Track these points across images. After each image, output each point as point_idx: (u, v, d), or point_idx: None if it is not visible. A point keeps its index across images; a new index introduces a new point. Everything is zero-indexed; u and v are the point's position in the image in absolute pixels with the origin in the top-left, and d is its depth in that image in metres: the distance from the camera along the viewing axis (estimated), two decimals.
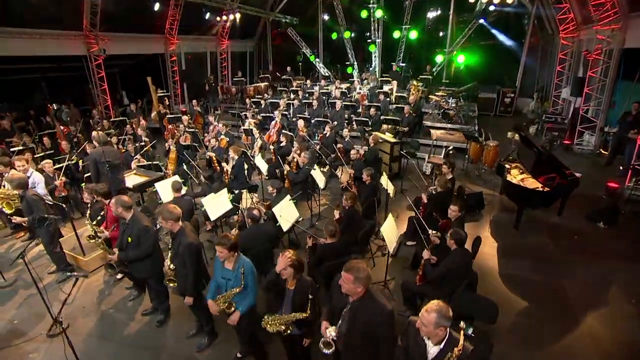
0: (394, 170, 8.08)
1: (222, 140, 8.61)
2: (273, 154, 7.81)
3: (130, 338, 3.96)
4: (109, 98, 12.25)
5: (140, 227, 3.56)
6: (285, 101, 11.46)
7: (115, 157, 5.39)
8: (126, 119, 10.08)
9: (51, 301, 4.40)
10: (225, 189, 5.22)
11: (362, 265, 2.54)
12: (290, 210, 4.82)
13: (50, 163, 6.13)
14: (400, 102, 11.56)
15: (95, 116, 10.27)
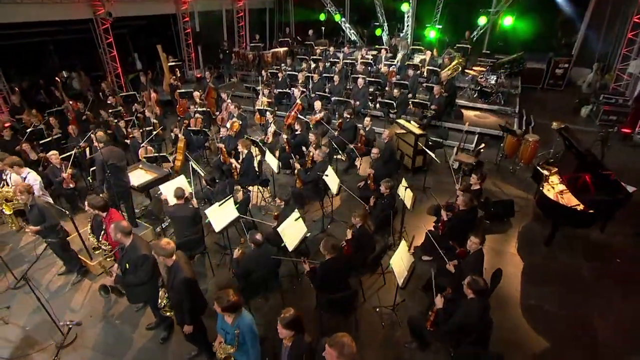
0: (418, 164, 7.71)
1: (234, 124, 8.41)
2: (287, 144, 7.59)
3: (134, 354, 4.17)
4: (119, 66, 12.13)
5: (138, 255, 3.59)
6: (305, 74, 10.94)
7: (120, 158, 5.37)
8: (136, 94, 9.98)
9: (62, 308, 4.69)
10: (232, 199, 5.14)
11: (347, 340, 2.47)
12: (297, 228, 4.73)
13: (56, 154, 6.20)
14: (432, 78, 10.79)
15: (105, 90, 10.21)
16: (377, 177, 6.16)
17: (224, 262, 5.50)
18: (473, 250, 4.13)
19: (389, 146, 6.98)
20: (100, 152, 5.09)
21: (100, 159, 5.05)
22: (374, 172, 6.19)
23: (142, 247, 3.65)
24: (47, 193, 5.39)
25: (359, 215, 4.59)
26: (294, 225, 4.68)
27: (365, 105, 10.11)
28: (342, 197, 6.98)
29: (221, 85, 13.26)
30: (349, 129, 8.21)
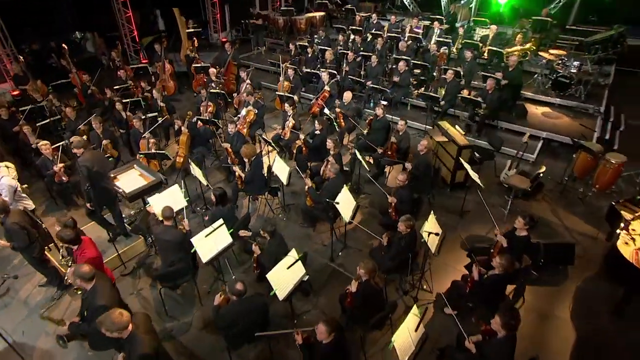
0: (458, 179, 6.99)
1: (249, 112, 8.04)
2: (304, 145, 7.12)
3: None
4: (135, 28, 11.97)
5: (95, 306, 3.44)
6: (337, 50, 10.18)
7: (104, 165, 5.23)
8: (148, 67, 9.80)
9: (38, 329, 4.77)
10: (221, 220, 4.86)
11: None
12: (293, 271, 4.38)
13: (47, 144, 6.19)
14: (495, 62, 9.62)
15: (116, 59, 10.12)
16: (404, 199, 5.59)
17: (216, 288, 5.33)
18: (500, 335, 3.59)
19: (424, 160, 6.31)
20: (85, 159, 4.92)
21: (84, 167, 4.88)
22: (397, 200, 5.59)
23: (103, 295, 3.49)
24: (23, 197, 5.36)
25: (365, 268, 4.14)
26: (286, 269, 4.33)
27: (406, 93, 9.26)
28: (359, 215, 6.52)
29: (247, 54, 12.81)
30: (380, 129, 7.54)
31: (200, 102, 8.30)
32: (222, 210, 5.27)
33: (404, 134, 6.97)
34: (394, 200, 5.54)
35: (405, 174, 5.54)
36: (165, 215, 4.76)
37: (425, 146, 6.24)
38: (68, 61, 9.35)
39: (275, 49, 13.01)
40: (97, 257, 3.97)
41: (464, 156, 6.60)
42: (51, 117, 7.41)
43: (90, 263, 3.90)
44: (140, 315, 3.34)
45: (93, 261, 3.90)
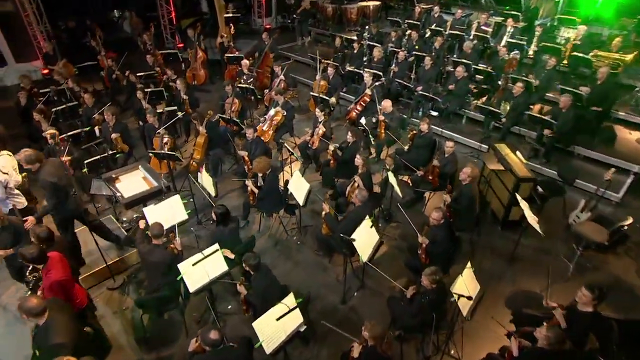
0: (513, 217, 6.15)
1: (277, 114, 7.67)
2: (332, 157, 6.62)
3: None
4: (175, 9, 12.03)
5: (49, 345, 3.19)
6: (387, 47, 9.52)
7: (68, 182, 5.01)
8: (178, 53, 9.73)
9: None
10: (216, 245, 4.51)
11: None
12: (286, 322, 3.92)
13: (54, 133, 6.18)
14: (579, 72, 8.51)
15: (147, 43, 10.16)
16: (438, 241, 4.93)
17: (207, 318, 5.02)
18: None
19: (468, 193, 5.57)
20: (48, 174, 4.67)
21: (50, 183, 4.64)
22: (432, 238, 4.93)
23: (58, 332, 3.23)
24: (14, 195, 5.30)
25: (370, 331, 3.58)
26: (276, 319, 3.88)
27: (462, 104, 8.45)
28: (385, 247, 5.94)
29: (289, 44, 12.46)
30: (423, 147, 6.85)
31: (225, 97, 8.03)
32: (222, 231, 4.93)
33: (451, 157, 6.24)
34: (425, 242, 4.89)
35: (441, 212, 4.86)
36: (154, 233, 4.49)
37: (469, 175, 5.50)
38: (98, 42, 9.49)
39: (321, 41, 12.54)
40: (64, 279, 3.73)
41: (523, 191, 5.79)
42: (68, 102, 7.46)
43: (55, 287, 3.70)
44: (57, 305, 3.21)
45: (58, 285, 3.68)
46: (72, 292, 3.85)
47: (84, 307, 4.06)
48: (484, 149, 7.79)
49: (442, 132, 8.14)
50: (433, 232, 4.97)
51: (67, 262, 3.95)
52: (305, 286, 5.38)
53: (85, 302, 4.09)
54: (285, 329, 3.92)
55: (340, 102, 9.39)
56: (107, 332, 4.70)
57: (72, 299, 3.86)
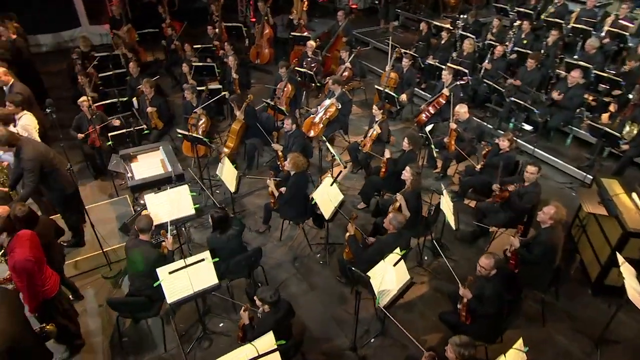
0: (611, 281, 4.94)
1: (331, 106, 7.11)
2: (384, 165, 5.89)
3: None
4: None
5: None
6: (485, 40, 8.41)
7: (56, 159, 4.87)
8: (242, 27, 9.59)
9: None
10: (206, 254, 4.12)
11: None
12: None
13: (86, 100, 6.27)
14: None
15: (214, 13, 10.13)
16: (485, 295, 4.01)
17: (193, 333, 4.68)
18: None
19: (546, 240, 4.52)
20: (30, 155, 4.57)
21: (31, 163, 4.55)
22: (479, 293, 4.02)
23: None
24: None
25: None
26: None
27: (569, 119, 7.12)
28: (423, 288, 5.13)
29: (371, 28, 11.77)
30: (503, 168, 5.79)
31: (278, 80, 7.66)
32: (218, 238, 4.53)
33: (532, 186, 5.16)
34: (467, 295, 4.01)
35: (493, 260, 3.93)
36: (140, 227, 4.24)
37: (551, 216, 4.43)
38: (165, 9, 9.71)
39: (409, 27, 11.66)
40: (29, 260, 3.57)
41: (631, 250, 4.60)
42: (115, 69, 7.64)
43: (18, 267, 3.57)
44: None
45: (22, 265, 3.54)
46: (37, 277, 3.68)
47: (51, 296, 3.91)
48: (589, 180, 6.47)
49: (533, 151, 6.94)
50: (480, 284, 4.06)
51: (37, 241, 3.81)
52: (313, 317, 4.83)
53: (54, 291, 3.92)
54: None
55: (415, 101, 8.56)
56: (85, 327, 4.61)
57: (36, 284, 3.70)
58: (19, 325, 3.33)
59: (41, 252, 3.87)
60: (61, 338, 4.19)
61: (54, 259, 4.37)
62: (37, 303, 3.78)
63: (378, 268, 4.07)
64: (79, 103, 6.34)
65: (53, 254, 4.35)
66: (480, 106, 8.15)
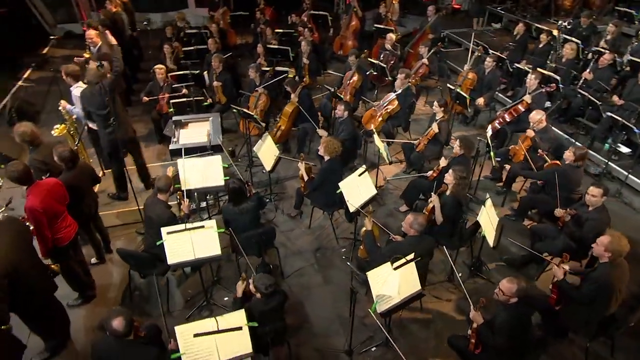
0: None
1: (392, 102, 6.68)
2: (436, 171, 5.33)
3: None
4: None
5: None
6: (594, 47, 7.29)
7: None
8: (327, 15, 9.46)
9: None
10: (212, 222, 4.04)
11: None
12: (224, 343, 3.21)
13: (162, 69, 6.67)
14: None
15: (306, 2, 10.08)
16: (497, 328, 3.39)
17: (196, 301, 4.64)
18: None
19: (602, 274, 3.68)
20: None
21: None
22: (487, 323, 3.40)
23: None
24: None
25: None
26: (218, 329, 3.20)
27: None
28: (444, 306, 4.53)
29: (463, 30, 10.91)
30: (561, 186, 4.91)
31: (347, 69, 7.42)
32: (231, 209, 4.44)
33: (595, 212, 4.29)
34: (478, 321, 3.42)
35: (516, 286, 3.28)
36: (159, 186, 4.30)
37: (606, 248, 3.59)
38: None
39: (511, 30, 10.59)
40: (37, 209, 3.74)
41: None
42: (197, 44, 8.01)
43: (28, 213, 3.80)
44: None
45: (29, 212, 3.77)
46: (45, 226, 3.86)
47: (63, 245, 4.12)
48: None
49: (626, 177, 5.83)
50: (497, 311, 3.44)
51: (56, 192, 4.02)
52: (319, 312, 4.55)
53: (66, 241, 4.10)
54: (220, 349, 3.21)
55: (497, 108, 7.71)
56: (104, 278, 4.84)
57: (44, 231, 3.89)
58: (22, 254, 3.50)
59: (57, 203, 4.03)
60: (73, 285, 4.45)
61: (87, 204, 4.65)
62: (47, 248, 3.99)
63: (381, 270, 3.66)
64: (154, 70, 6.74)
65: (87, 199, 4.64)
66: (571, 121, 7.07)
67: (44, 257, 4.05)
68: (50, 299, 3.95)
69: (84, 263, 4.63)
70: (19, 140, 4.47)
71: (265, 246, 4.63)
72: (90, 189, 4.78)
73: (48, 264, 3.94)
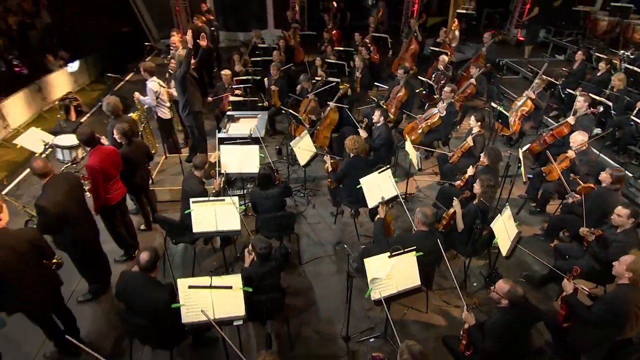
0: None
1: (434, 115, 6.46)
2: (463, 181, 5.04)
3: None
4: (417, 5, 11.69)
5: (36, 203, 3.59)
6: None
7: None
8: (387, 38, 9.43)
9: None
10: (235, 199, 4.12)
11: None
12: (219, 300, 3.22)
13: (227, 74, 7.06)
14: None
15: (370, 25, 10.13)
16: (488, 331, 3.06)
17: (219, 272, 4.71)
18: None
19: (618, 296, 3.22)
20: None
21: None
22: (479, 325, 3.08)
23: (47, 197, 3.57)
24: (162, 103, 6.03)
25: None
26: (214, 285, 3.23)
27: None
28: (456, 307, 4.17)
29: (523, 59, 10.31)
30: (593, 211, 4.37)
31: (396, 83, 7.32)
32: (258, 193, 4.52)
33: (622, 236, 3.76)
34: (469, 321, 3.13)
35: (507, 287, 2.97)
36: (195, 163, 4.52)
37: (628, 268, 3.12)
38: (330, 17, 10.24)
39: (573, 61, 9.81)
40: (94, 168, 4.09)
41: None
42: (264, 56, 8.38)
43: (87, 170, 4.16)
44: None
45: (88, 169, 4.12)
46: (100, 183, 4.19)
47: (112, 204, 4.43)
48: None
49: None
50: (492, 314, 3.12)
51: (113, 158, 4.36)
52: (327, 298, 4.44)
53: (115, 201, 4.43)
54: (215, 306, 3.23)
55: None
56: (147, 243, 5.05)
57: (99, 188, 4.21)
58: (74, 204, 3.80)
59: (112, 167, 4.36)
60: (118, 242, 4.74)
61: (140, 176, 4.97)
62: (99, 204, 4.31)
63: (379, 259, 3.48)
64: (222, 74, 7.16)
65: (140, 172, 4.95)
66: (624, 150, 6.34)
67: (96, 213, 4.38)
68: (94, 249, 4.26)
69: (131, 225, 4.93)
70: (105, 108, 5.01)
71: (285, 230, 4.62)
72: (143, 164, 5.06)
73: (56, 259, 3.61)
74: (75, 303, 4.31)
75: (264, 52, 8.91)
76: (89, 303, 4.36)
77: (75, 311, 3.96)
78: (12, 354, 3.49)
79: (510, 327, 2.99)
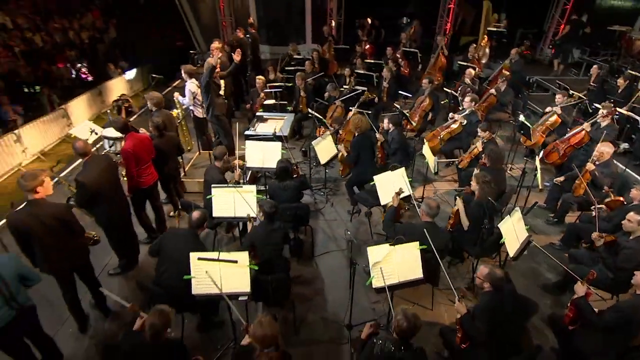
0: None
1: (456, 122, 6.36)
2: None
3: None
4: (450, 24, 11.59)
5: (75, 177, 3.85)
6: None
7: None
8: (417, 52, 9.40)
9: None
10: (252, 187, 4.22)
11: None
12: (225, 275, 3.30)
13: (261, 80, 7.31)
14: None
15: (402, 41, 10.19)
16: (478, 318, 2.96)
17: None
18: None
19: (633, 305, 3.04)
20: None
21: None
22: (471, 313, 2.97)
23: (86, 173, 3.82)
24: (199, 104, 6.30)
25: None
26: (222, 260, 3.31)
27: None
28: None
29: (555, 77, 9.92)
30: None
31: (421, 94, 7.27)
32: (276, 184, 4.62)
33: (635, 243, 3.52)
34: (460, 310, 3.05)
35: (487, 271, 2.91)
36: (215, 154, 4.67)
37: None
38: (363, 32, 10.37)
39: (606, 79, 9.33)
40: (129, 152, 4.32)
41: None
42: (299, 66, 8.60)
43: (123, 153, 4.42)
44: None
45: (124, 153, 4.37)
46: (132, 166, 4.42)
47: (144, 187, 4.64)
48: None
49: None
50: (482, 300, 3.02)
51: (146, 145, 4.58)
52: (336, 288, 4.44)
53: (146, 184, 4.64)
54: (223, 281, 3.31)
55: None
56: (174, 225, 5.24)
57: (132, 171, 4.45)
58: (108, 183, 4.05)
59: (144, 152, 4.57)
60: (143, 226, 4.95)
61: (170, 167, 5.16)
62: (131, 184, 4.53)
63: (382, 249, 3.45)
64: (256, 80, 7.40)
65: (170, 163, 5.16)
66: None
67: (129, 194, 4.62)
68: (126, 227, 4.49)
69: (161, 210, 5.13)
70: (149, 101, 5.36)
71: (299, 221, 4.66)
72: (174, 155, 5.26)
73: (91, 234, 4.06)
74: (106, 275, 4.54)
75: (297, 63, 9.12)
76: (118, 276, 4.58)
77: (105, 282, 4.19)
78: (45, 309, 3.69)
79: (494, 311, 2.94)
